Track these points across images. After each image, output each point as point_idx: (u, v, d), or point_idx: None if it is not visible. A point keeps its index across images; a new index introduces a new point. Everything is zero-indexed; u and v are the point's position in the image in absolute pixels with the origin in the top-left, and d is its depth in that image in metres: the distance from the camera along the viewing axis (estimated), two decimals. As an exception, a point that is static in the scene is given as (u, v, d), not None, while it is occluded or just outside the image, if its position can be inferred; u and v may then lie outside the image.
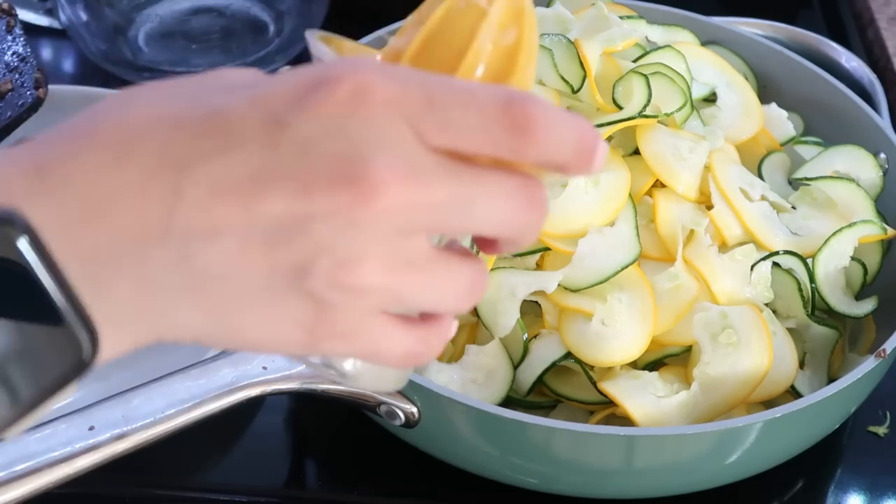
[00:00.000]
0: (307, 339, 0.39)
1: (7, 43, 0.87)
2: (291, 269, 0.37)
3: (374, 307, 0.39)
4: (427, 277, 0.39)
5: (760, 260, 0.74)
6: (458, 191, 0.38)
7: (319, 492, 0.76)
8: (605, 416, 0.71)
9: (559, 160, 0.39)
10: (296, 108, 0.37)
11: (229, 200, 0.36)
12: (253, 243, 0.37)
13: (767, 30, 0.96)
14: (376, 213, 0.36)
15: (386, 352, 0.40)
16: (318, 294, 0.37)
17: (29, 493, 0.58)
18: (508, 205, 0.39)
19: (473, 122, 0.38)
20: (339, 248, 0.37)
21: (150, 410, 0.62)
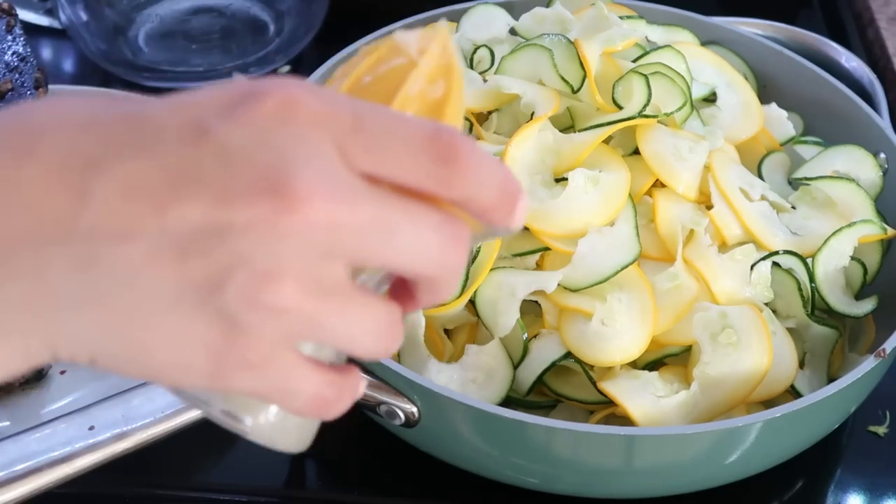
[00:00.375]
0: (213, 368, 0.36)
1: (7, 43, 0.87)
2: (204, 281, 0.34)
3: (286, 334, 0.36)
4: (344, 308, 0.37)
5: (760, 260, 0.74)
6: (381, 214, 0.36)
7: (319, 492, 0.76)
8: (605, 416, 0.71)
9: (483, 201, 0.38)
10: (219, 116, 0.35)
11: (141, 203, 0.34)
12: (164, 250, 0.34)
13: (767, 30, 0.96)
14: (297, 226, 0.35)
15: (295, 391, 0.38)
16: (230, 312, 0.35)
17: (29, 493, 0.58)
18: (433, 237, 0.38)
19: (400, 148, 0.37)
20: (257, 262, 0.35)
21: (150, 410, 0.62)
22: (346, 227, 0.36)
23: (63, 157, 0.34)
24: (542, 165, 0.75)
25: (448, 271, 0.39)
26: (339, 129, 0.36)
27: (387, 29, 0.90)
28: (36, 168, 0.34)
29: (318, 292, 0.36)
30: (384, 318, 0.39)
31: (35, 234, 0.34)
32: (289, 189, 0.34)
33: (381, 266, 0.38)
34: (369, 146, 0.36)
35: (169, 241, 0.34)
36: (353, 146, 0.36)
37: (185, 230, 0.34)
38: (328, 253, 0.36)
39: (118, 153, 0.34)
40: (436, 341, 0.73)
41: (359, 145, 0.36)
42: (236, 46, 1.07)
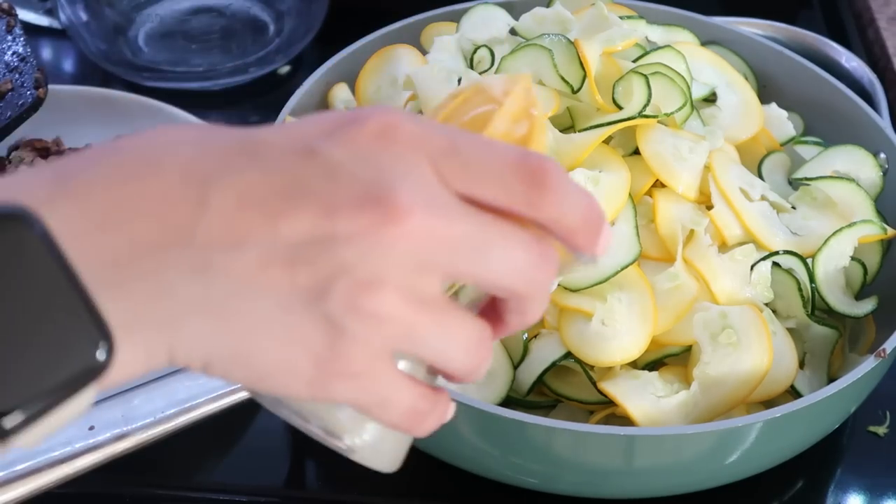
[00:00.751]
0: (315, 375, 0.38)
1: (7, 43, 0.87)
2: (311, 288, 0.37)
3: (385, 343, 0.38)
4: (439, 320, 0.39)
5: (760, 260, 0.74)
6: (476, 231, 0.39)
7: (319, 492, 0.76)
8: (605, 416, 0.71)
9: (568, 225, 0.41)
10: (325, 139, 0.38)
11: (254, 214, 0.36)
12: (275, 259, 0.37)
13: (767, 30, 0.96)
14: (398, 237, 0.37)
15: (392, 402, 0.40)
16: (334, 318, 0.37)
17: (29, 493, 0.58)
18: (523, 255, 0.40)
19: (492, 170, 0.39)
20: (360, 270, 0.37)
21: (150, 410, 0.62)
22: (442, 240, 0.38)
23: (183, 172, 0.37)
24: (542, 165, 0.75)
25: (536, 288, 0.41)
26: (435, 151, 0.39)
27: (387, 29, 0.90)
28: (159, 181, 0.36)
29: (416, 303, 0.38)
30: (476, 335, 0.41)
31: (158, 241, 0.36)
32: (390, 202, 0.37)
33: (474, 281, 0.40)
34: (463, 168, 0.39)
35: (279, 249, 0.37)
36: (449, 167, 0.39)
37: (294, 240, 0.37)
38: (425, 265, 0.38)
39: (233, 169, 0.37)
40: (436, 341, 0.73)
41: (453, 166, 0.39)
42: (236, 46, 1.07)
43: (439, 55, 0.84)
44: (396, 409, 0.40)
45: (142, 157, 0.37)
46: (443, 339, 0.40)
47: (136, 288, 0.36)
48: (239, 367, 0.38)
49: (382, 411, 0.40)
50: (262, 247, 0.37)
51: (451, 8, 0.91)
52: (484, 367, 0.42)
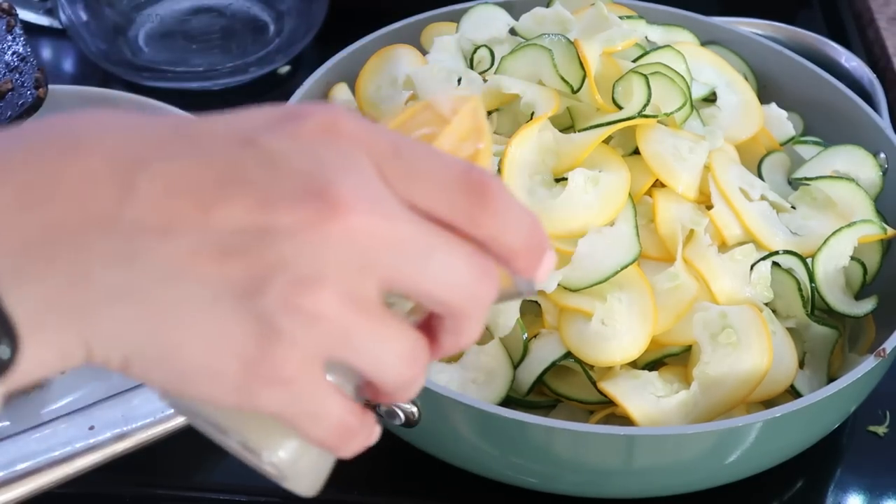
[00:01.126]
0: (243, 380, 0.36)
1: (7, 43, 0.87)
2: (244, 282, 0.35)
3: (319, 347, 0.36)
4: (375, 327, 0.37)
5: (760, 260, 0.74)
6: (418, 235, 0.37)
7: (319, 492, 0.75)
8: (605, 416, 0.71)
9: (509, 244, 0.39)
10: (266, 130, 0.36)
11: (185, 201, 0.34)
12: (206, 249, 0.34)
13: (767, 30, 0.96)
14: (339, 233, 0.35)
15: (322, 415, 0.38)
16: (267, 315, 0.35)
17: (29, 493, 0.58)
18: (465, 268, 0.38)
19: (435, 179, 0.38)
20: (298, 267, 0.35)
21: (150, 410, 0.62)
22: (384, 241, 0.36)
23: (109, 155, 0.35)
24: (542, 165, 0.75)
25: (475, 305, 0.39)
26: (378, 153, 0.37)
27: (387, 29, 0.90)
28: (81, 162, 0.34)
29: (354, 306, 0.36)
30: (411, 346, 0.39)
31: (77, 226, 0.34)
32: (332, 196, 0.35)
33: (412, 290, 0.38)
34: (406, 172, 0.37)
35: (211, 239, 0.34)
36: (392, 170, 0.37)
37: (228, 230, 0.35)
38: (365, 267, 0.36)
39: (164, 154, 0.35)
40: (436, 341, 0.73)
41: (397, 170, 0.37)
42: (236, 46, 1.07)
43: (439, 55, 0.84)
44: (325, 423, 0.38)
45: (68, 136, 0.35)
46: (378, 346, 0.37)
47: (49, 275, 0.34)
48: (161, 368, 0.36)
49: (311, 425, 0.38)
50: (192, 236, 0.34)
51: (451, 8, 0.91)
52: (418, 384, 0.40)
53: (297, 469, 0.42)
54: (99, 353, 0.35)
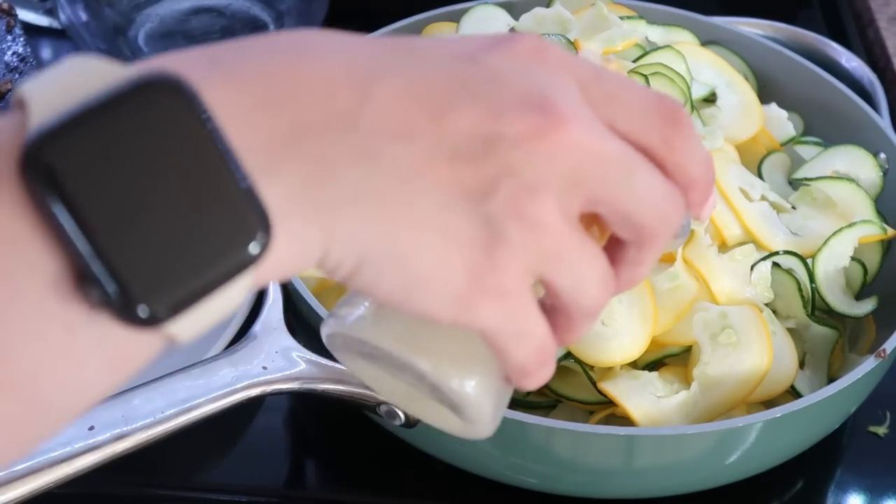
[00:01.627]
0: (466, 288, 0.37)
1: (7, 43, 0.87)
2: (474, 186, 0.36)
3: (538, 258, 0.37)
4: (583, 244, 0.39)
5: (760, 260, 0.74)
6: (624, 156, 0.38)
7: (319, 492, 0.76)
8: (605, 416, 0.71)
9: (690, 174, 0.40)
10: (483, 50, 0.38)
11: (419, 109, 0.36)
12: (440, 153, 0.36)
13: (767, 30, 0.96)
14: (562, 144, 0.36)
15: (529, 334, 0.39)
16: (495, 219, 0.36)
17: (29, 493, 0.58)
18: (661, 187, 0.40)
19: (633, 102, 0.39)
20: (524, 174, 0.36)
21: (150, 410, 0.62)
22: (597, 157, 0.37)
23: (343, 63, 0.36)
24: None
25: (665, 227, 0.40)
26: (581, 76, 0.39)
27: (387, 29, 0.90)
28: (318, 69, 0.35)
29: (567, 220, 0.38)
30: (606, 270, 0.40)
31: (320, 125, 0.35)
32: (554, 109, 0.37)
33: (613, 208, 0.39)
34: (607, 96, 0.39)
35: (444, 145, 0.36)
36: (594, 93, 0.39)
37: (460, 137, 0.36)
38: (578, 182, 0.37)
39: (395, 65, 0.36)
40: (436, 341, 0.73)
41: (598, 93, 0.39)
42: (236, 46, 1.07)
43: (439, 55, 0.84)
44: (530, 345, 0.39)
45: (301, 46, 0.36)
46: (583, 265, 0.39)
47: (295, 171, 0.34)
48: (391, 272, 0.36)
49: (516, 345, 0.39)
50: (427, 141, 0.36)
51: (451, 8, 0.91)
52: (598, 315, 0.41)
53: (482, 402, 0.42)
54: (335, 253, 0.36)
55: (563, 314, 0.40)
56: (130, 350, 0.33)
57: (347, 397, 0.67)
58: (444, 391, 0.41)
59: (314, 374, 0.67)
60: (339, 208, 0.35)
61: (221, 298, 0.33)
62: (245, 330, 0.70)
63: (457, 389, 0.41)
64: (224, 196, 0.33)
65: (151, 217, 0.32)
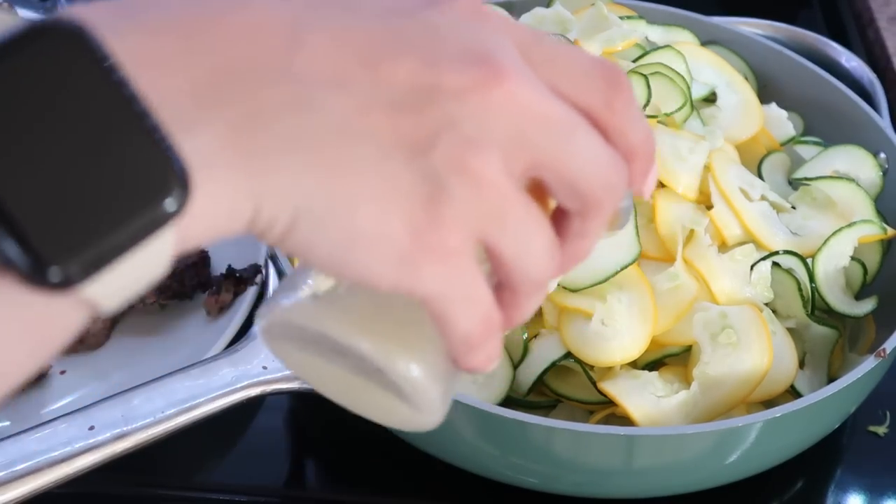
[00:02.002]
0: (409, 246, 0.35)
1: (7, 43, 0.87)
2: (414, 137, 0.35)
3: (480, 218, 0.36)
4: (527, 209, 0.37)
5: (760, 260, 0.74)
6: (567, 115, 0.37)
7: (319, 492, 0.76)
8: (605, 416, 0.71)
9: (631, 142, 0.39)
10: (422, 7, 0.37)
11: (353, 57, 0.34)
12: (376, 103, 0.34)
13: (767, 30, 0.96)
14: (502, 99, 0.35)
15: (474, 302, 0.37)
16: (437, 173, 0.35)
17: (29, 493, 0.58)
18: (605, 153, 0.38)
19: (574, 65, 0.38)
20: (464, 127, 0.35)
21: (150, 410, 0.62)
22: (538, 116, 0.36)
23: (273, 12, 0.34)
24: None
25: (610, 194, 0.39)
26: (522, 38, 0.38)
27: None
28: (245, 15, 0.34)
29: (511, 181, 0.36)
30: (552, 239, 0.38)
31: (247, 72, 0.33)
32: (495, 64, 0.36)
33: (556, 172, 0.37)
34: (549, 57, 0.38)
35: (381, 95, 0.34)
36: (536, 54, 0.38)
37: (397, 87, 0.35)
38: (520, 142, 0.36)
39: (329, 16, 0.35)
40: (436, 341, 0.73)
41: (540, 54, 0.38)
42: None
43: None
44: (475, 311, 0.37)
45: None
46: (527, 230, 0.37)
47: (221, 120, 0.32)
48: (331, 223, 0.34)
49: (461, 311, 0.37)
50: (364, 90, 0.34)
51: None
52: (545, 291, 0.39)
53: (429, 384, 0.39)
54: (268, 208, 0.34)
55: (507, 288, 0.39)
56: (49, 320, 0.31)
57: (347, 397, 0.67)
58: (388, 374, 0.39)
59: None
60: (272, 159, 0.33)
61: (142, 259, 0.31)
62: (245, 330, 0.70)
63: (402, 371, 0.39)
64: (134, 148, 0.31)
65: (54, 170, 0.30)
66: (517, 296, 0.39)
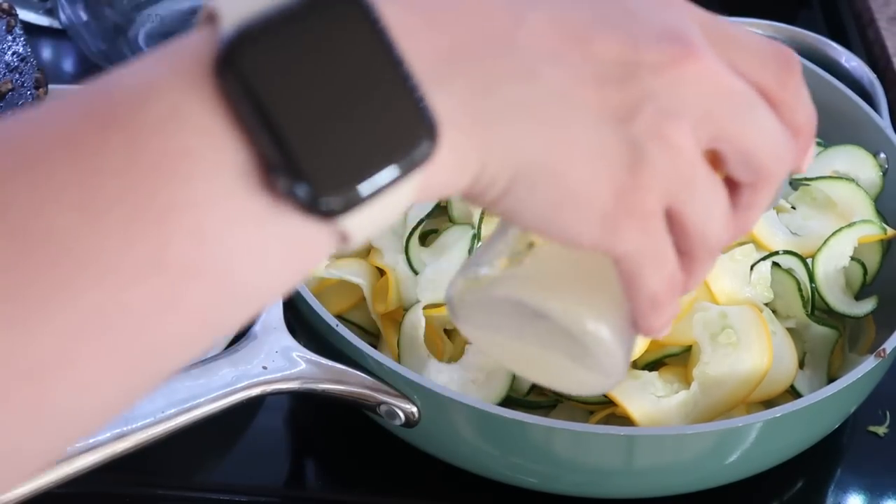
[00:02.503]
0: (612, 206, 0.38)
1: (7, 43, 0.87)
2: (619, 107, 0.38)
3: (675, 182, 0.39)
4: (712, 177, 0.40)
5: (760, 260, 0.74)
6: (748, 91, 0.40)
7: (319, 492, 0.76)
8: (605, 416, 0.71)
9: (799, 119, 0.42)
10: None
11: (568, 35, 0.38)
12: (588, 76, 0.38)
13: (767, 30, 0.96)
14: (697, 73, 0.39)
15: (664, 261, 0.40)
16: (638, 140, 0.38)
17: (29, 493, 0.58)
18: (777, 128, 0.41)
19: (749, 45, 0.41)
20: (664, 99, 0.38)
21: (150, 410, 0.62)
22: (725, 90, 0.40)
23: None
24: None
25: (781, 167, 0.42)
26: (703, 22, 0.41)
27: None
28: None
29: (699, 147, 0.39)
30: (728, 207, 0.42)
31: (480, 44, 0.37)
32: (688, 41, 0.39)
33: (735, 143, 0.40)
34: (727, 38, 0.41)
35: (591, 68, 0.38)
36: (715, 34, 0.41)
37: (605, 62, 0.38)
38: (708, 112, 0.39)
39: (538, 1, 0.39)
40: (436, 341, 0.73)
41: (719, 35, 0.41)
42: (236, 46, 1.07)
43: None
44: (664, 271, 0.40)
45: None
46: (712, 197, 0.40)
47: (459, 84, 0.36)
48: (545, 185, 0.38)
49: (652, 270, 0.40)
50: (577, 63, 0.38)
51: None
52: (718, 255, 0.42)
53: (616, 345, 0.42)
54: (492, 167, 0.37)
55: (686, 253, 0.42)
56: (310, 243, 0.35)
57: (347, 397, 0.67)
58: (578, 335, 0.42)
59: (314, 374, 0.67)
60: (500, 122, 0.37)
61: (389, 200, 0.35)
62: (245, 330, 0.70)
63: (593, 331, 0.42)
64: (397, 101, 0.35)
65: (333, 117, 0.34)
66: (694, 262, 0.42)
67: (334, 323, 0.68)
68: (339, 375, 0.67)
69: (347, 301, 0.77)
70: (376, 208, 0.35)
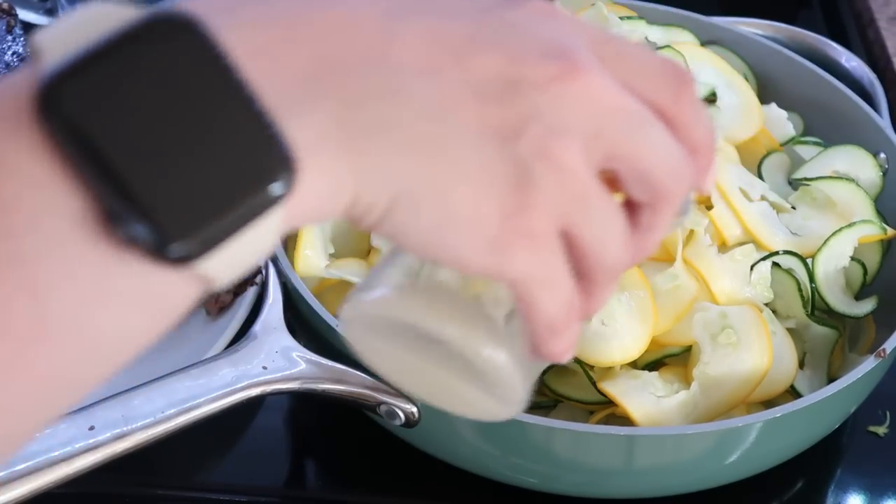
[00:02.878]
0: (500, 230, 0.36)
1: (7, 43, 0.87)
2: (502, 126, 0.36)
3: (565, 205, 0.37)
4: (605, 197, 0.38)
5: (760, 260, 0.74)
6: (641, 109, 0.39)
7: (319, 492, 0.76)
8: (605, 416, 0.71)
9: (696, 136, 0.40)
10: (500, 6, 0.38)
11: (443, 51, 0.36)
12: (467, 93, 0.36)
13: (767, 30, 0.96)
14: (583, 91, 0.37)
15: (558, 285, 0.38)
16: (524, 160, 0.36)
17: (29, 493, 0.58)
18: (673, 146, 0.40)
19: (642, 61, 0.40)
20: (550, 117, 0.36)
21: (150, 410, 0.62)
22: (615, 108, 0.38)
23: (367, 7, 0.36)
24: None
25: (679, 187, 0.40)
26: (591, 36, 0.39)
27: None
28: (342, 9, 0.36)
29: (591, 170, 0.38)
30: (626, 228, 0.40)
31: (346, 61, 0.35)
32: (574, 58, 0.37)
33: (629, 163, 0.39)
34: (619, 54, 0.39)
35: (469, 85, 0.36)
36: (606, 50, 0.39)
37: (485, 78, 0.36)
38: (598, 131, 0.37)
39: (418, 10, 0.37)
40: (436, 341, 0.73)
41: (610, 51, 0.39)
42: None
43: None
44: (560, 295, 0.38)
45: None
46: (607, 218, 0.39)
47: (324, 107, 0.34)
48: (427, 205, 0.36)
49: (546, 295, 0.38)
50: (453, 81, 0.36)
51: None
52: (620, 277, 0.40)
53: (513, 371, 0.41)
54: (368, 192, 0.35)
55: (584, 277, 0.40)
56: (168, 291, 0.33)
57: (347, 397, 0.67)
58: (473, 361, 0.40)
59: (314, 374, 0.67)
60: (372, 142, 0.35)
61: (252, 238, 0.33)
62: (245, 330, 0.70)
63: (488, 357, 0.40)
64: (244, 133, 0.32)
65: (172, 153, 0.32)
66: (593, 285, 0.40)
67: (334, 323, 0.68)
68: (339, 375, 0.66)
69: (347, 301, 0.77)
70: (238, 248, 0.33)
